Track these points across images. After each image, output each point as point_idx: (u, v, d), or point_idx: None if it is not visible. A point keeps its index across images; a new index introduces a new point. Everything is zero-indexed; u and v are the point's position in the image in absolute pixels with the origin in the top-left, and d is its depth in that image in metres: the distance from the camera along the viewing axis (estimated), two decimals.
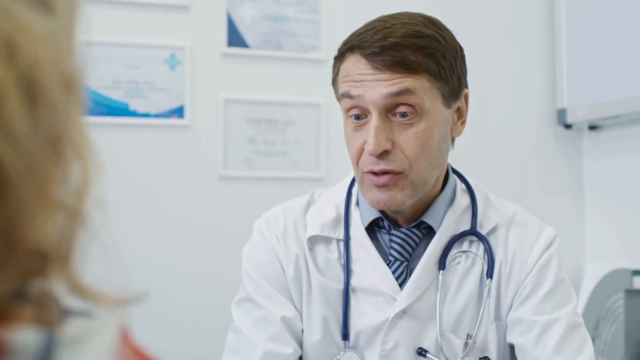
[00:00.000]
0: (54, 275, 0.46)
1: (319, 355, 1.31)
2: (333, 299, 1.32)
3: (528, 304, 1.31)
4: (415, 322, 1.31)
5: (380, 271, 1.31)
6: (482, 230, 1.35)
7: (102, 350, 0.43)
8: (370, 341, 1.31)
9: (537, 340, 1.28)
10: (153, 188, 2.57)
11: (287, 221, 1.37)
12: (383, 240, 1.35)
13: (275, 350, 1.28)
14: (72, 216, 0.46)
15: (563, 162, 2.99)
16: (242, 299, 1.35)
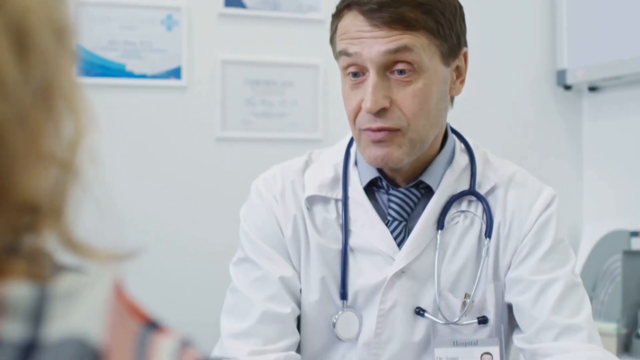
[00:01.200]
0: (46, 230, 0.45)
1: (318, 315, 1.31)
2: (331, 258, 1.32)
3: (526, 263, 1.30)
4: (414, 281, 1.31)
5: (378, 231, 1.31)
6: (480, 190, 1.34)
7: (95, 305, 0.42)
8: (368, 301, 1.31)
9: (535, 299, 1.28)
10: (150, 149, 2.56)
11: (285, 181, 1.36)
12: (381, 200, 1.34)
13: (274, 310, 1.28)
14: (64, 169, 0.45)
15: (562, 124, 2.98)
16: (240, 259, 1.35)
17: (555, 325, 1.26)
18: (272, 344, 1.26)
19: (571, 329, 1.25)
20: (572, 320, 1.26)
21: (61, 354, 0.39)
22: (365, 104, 1.21)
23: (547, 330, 1.26)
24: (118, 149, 2.46)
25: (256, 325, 1.27)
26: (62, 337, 0.40)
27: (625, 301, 2.74)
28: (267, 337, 1.26)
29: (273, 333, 1.27)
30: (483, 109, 2.82)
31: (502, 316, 1.34)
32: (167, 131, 2.58)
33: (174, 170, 2.58)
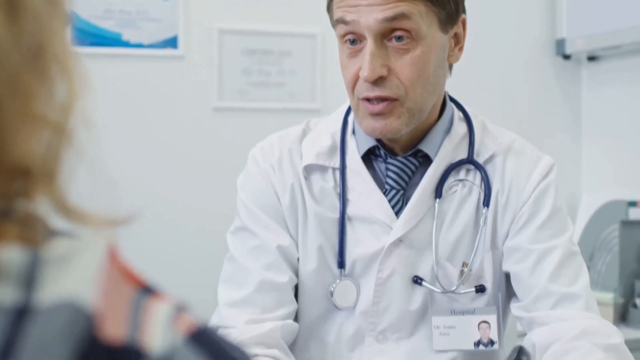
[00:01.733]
0: (39, 194, 0.44)
1: (315, 284, 1.31)
2: (329, 227, 1.31)
3: (525, 232, 1.30)
4: (411, 250, 1.30)
5: (376, 199, 1.31)
6: (479, 159, 1.34)
7: (88, 269, 0.42)
8: (366, 269, 1.31)
9: (533, 268, 1.28)
10: (147, 120, 2.55)
11: (283, 150, 1.35)
12: (379, 168, 1.34)
13: (271, 279, 1.28)
14: (57, 132, 0.45)
15: (561, 93, 2.96)
16: (237, 228, 1.34)
17: (553, 294, 1.26)
18: (270, 313, 1.26)
19: (569, 297, 1.25)
20: (569, 289, 1.26)
21: (54, 318, 0.39)
22: (363, 72, 1.20)
23: (544, 299, 1.26)
24: (115, 120, 2.45)
25: (253, 294, 1.27)
26: (55, 302, 0.40)
27: (622, 271, 2.75)
28: (265, 306, 1.26)
29: (270, 302, 1.27)
30: (481, 78, 2.80)
31: (499, 285, 1.34)
32: (164, 101, 2.57)
33: (171, 140, 2.57)
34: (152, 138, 2.55)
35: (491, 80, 2.85)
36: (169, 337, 0.42)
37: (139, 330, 0.41)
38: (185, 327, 0.43)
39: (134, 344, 0.41)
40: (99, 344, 0.40)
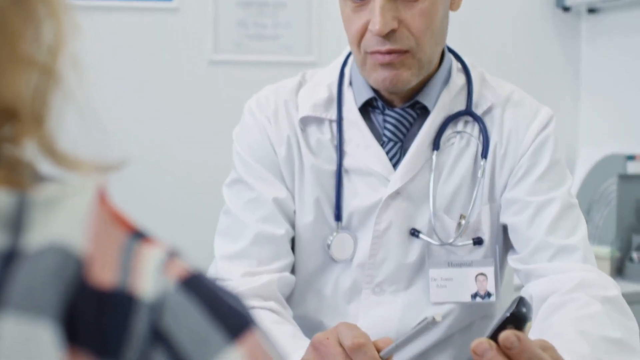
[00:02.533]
0: (27, 137, 0.43)
1: (312, 237, 1.30)
2: (325, 180, 1.30)
3: (523, 184, 1.29)
4: (409, 203, 1.29)
5: (373, 151, 1.29)
6: (477, 111, 1.32)
7: (78, 213, 0.40)
8: (363, 222, 1.30)
9: (530, 220, 1.27)
10: (142, 73, 2.52)
11: (278, 102, 1.34)
12: (377, 120, 1.32)
13: (267, 231, 1.27)
14: (45, 74, 0.43)
15: (560, 46, 2.94)
16: (233, 181, 1.33)
17: (551, 246, 1.25)
18: (266, 265, 1.26)
19: (566, 249, 1.25)
20: (567, 241, 1.25)
21: (42, 262, 0.38)
22: (374, 26, 1.18)
23: (542, 251, 1.26)
24: (109, 73, 2.42)
25: (250, 246, 1.26)
26: (44, 246, 0.38)
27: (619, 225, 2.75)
28: (261, 259, 1.26)
29: (267, 254, 1.26)
30: (479, 30, 2.77)
31: (497, 237, 1.33)
32: (159, 54, 2.54)
33: (166, 93, 2.54)
34: (147, 91, 2.53)
35: (489, 33, 2.82)
36: (160, 283, 0.41)
37: (130, 276, 0.40)
38: (177, 272, 0.42)
39: (124, 289, 0.40)
40: (88, 289, 0.39)
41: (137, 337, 0.39)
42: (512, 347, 0.75)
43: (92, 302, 0.39)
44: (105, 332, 0.38)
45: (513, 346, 0.75)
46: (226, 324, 0.42)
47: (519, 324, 0.78)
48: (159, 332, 0.39)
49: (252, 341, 0.42)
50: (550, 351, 0.83)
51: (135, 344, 0.39)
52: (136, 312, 0.39)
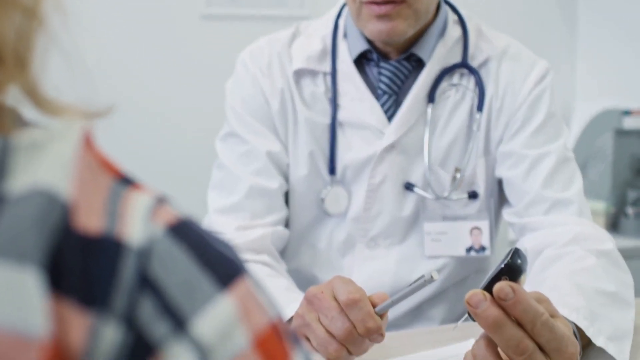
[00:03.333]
0: (10, 81, 0.41)
1: (306, 190, 1.29)
2: (320, 133, 1.29)
3: (518, 137, 1.28)
4: (403, 156, 1.28)
5: (368, 104, 1.28)
6: (473, 63, 1.30)
7: (62, 157, 0.39)
8: (357, 176, 1.29)
9: (526, 173, 1.26)
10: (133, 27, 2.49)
11: (272, 54, 1.32)
12: (371, 73, 1.30)
13: (261, 185, 1.26)
14: (28, 16, 0.42)
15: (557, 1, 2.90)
16: (226, 134, 1.32)
17: (546, 199, 1.24)
18: (260, 219, 1.25)
19: (562, 203, 1.24)
20: (562, 195, 1.25)
21: (26, 208, 0.37)
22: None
23: (537, 205, 1.25)
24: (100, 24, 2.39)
25: (243, 200, 1.25)
26: (27, 191, 0.37)
27: (614, 180, 2.75)
28: (255, 212, 1.25)
29: (260, 208, 1.25)
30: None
31: (492, 191, 1.32)
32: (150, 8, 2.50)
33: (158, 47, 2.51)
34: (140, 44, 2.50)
35: None
36: (148, 229, 0.40)
37: (116, 222, 0.39)
38: (166, 219, 0.41)
39: (111, 235, 0.39)
40: (74, 235, 0.38)
41: (124, 284, 0.38)
42: (507, 299, 0.74)
43: (78, 248, 0.37)
44: (91, 279, 0.37)
45: (507, 297, 0.74)
46: (216, 271, 0.41)
47: (513, 275, 0.77)
48: (146, 279, 0.38)
49: (244, 289, 0.41)
50: (545, 303, 0.82)
51: (122, 291, 0.38)
52: (123, 259, 0.38)
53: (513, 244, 1.30)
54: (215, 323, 0.39)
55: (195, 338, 0.38)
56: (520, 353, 0.75)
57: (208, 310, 0.39)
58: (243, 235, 1.22)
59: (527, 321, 0.75)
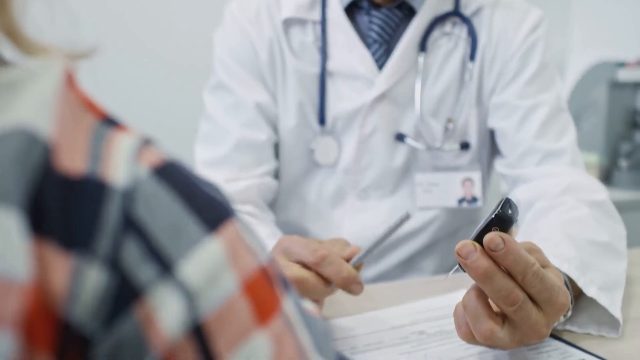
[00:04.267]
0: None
1: (295, 142, 1.27)
2: (309, 83, 1.26)
3: (511, 87, 1.26)
4: (394, 106, 1.26)
5: (358, 53, 1.25)
6: (465, 11, 1.28)
7: (43, 95, 0.37)
8: (347, 126, 1.27)
9: (519, 124, 1.24)
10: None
11: (260, 3, 1.29)
12: (362, 21, 1.27)
13: (249, 137, 1.24)
14: None
15: None
16: (214, 86, 1.29)
17: (539, 150, 1.23)
18: (248, 171, 1.23)
19: (554, 153, 1.23)
20: (555, 145, 1.23)
21: (5, 147, 0.35)
22: None
23: (530, 155, 1.23)
24: None
25: (231, 152, 1.23)
26: (6, 130, 0.35)
27: (608, 133, 2.74)
28: (243, 164, 1.23)
29: (249, 160, 1.24)
30: None
31: (484, 142, 1.31)
32: None
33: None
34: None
35: None
36: (133, 170, 0.38)
37: (100, 162, 0.37)
38: (151, 160, 0.39)
39: (94, 176, 0.37)
40: (55, 176, 0.36)
41: (107, 226, 0.36)
42: (497, 249, 0.73)
43: (60, 189, 0.36)
44: (74, 220, 0.36)
45: (498, 248, 0.73)
46: (203, 213, 0.39)
47: (504, 225, 0.75)
48: (131, 221, 0.37)
49: (232, 232, 0.40)
50: (537, 254, 0.81)
51: (106, 233, 0.36)
52: (106, 200, 0.37)
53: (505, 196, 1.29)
54: (202, 267, 0.38)
55: (182, 282, 0.37)
56: (510, 304, 0.74)
57: (195, 253, 0.38)
58: (229, 187, 1.20)
59: (517, 272, 0.74)
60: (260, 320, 0.39)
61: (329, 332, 0.44)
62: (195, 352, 0.37)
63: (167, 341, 0.36)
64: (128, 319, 0.36)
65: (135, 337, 0.36)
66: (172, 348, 0.36)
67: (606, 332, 0.92)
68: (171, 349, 0.36)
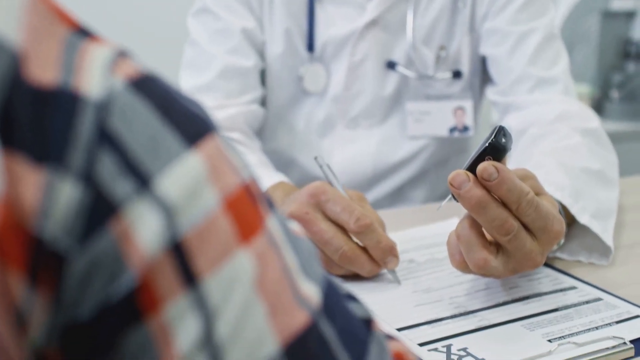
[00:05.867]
0: None
1: (282, 68, 1.24)
2: (297, 8, 1.23)
3: (504, 13, 1.23)
4: (386, 33, 1.23)
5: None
6: None
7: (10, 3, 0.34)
8: (337, 53, 1.24)
9: (511, 51, 1.22)
10: None
11: None
12: None
13: (235, 63, 1.21)
14: None
15: None
16: (199, 10, 1.25)
17: (531, 77, 1.20)
18: (234, 98, 1.20)
19: (547, 81, 1.20)
20: (548, 72, 1.21)
21: None
22: None
23: (522, 83, 1.21)
24: None
25: (217, 79, 1.20)
26: None
27: (600, 63, 2.71)
28: (229, 91, 1.20)
29: (235, 87, 1.21)
30: None
31: (476, 70, 1.28)
32: None
33: None
34: None
35: None
36: (108, 82, 0.36)
37: (73, 74, 0.35)
38: (128, 72, 0.37)
39: (66, 88, 0.35)
40: (25, 87, 0.34)
41: (80, 139, 0.34)
42: (491, 179, 0.71)
43: (30, 101, 0.34)
44: (45, 133, 0.34)
45: (491, 178, 0.71)
46: (183, 127, 0.37)
47: (497, 154, 0.74)
48: (105, 134, 0.35)
49: (213, 147, 0.38)
50: (531, 180, 0.79)
51: (79, 146, 0.34)
52: (79, 112, 0.35)
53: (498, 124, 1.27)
54: (181, 182, 0.36)
55: (160, 197, 0.35)
56: (505, 233, 0.73)
57: (174, 168, 0.36)
58: (216, 114, 1.17)
59: (511, 201, 0.72)
60: (242, 238, 0.37)
61: (315, 253, 0.42)
62: (175, 271, 0.35)
63: (145, 259, 0.34)
64: (104, 236, 0.34)
65: (111, 254, 0.34)
66: (150, 266, 0.35)
67: (596, 259, 0.92)
68: (149, 267, 0.35)
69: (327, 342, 0.39)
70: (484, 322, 0.76)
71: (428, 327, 0.75)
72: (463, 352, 0.70)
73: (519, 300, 0.81)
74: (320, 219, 0.83)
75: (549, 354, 0.69)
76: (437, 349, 0.71)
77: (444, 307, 0.80)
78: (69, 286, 0.34)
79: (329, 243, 0.82)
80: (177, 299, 0.35)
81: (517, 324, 0.76)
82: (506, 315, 0.77)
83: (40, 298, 0.33)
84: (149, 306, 0.35)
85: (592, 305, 0.80)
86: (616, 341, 0.71)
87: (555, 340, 0.72)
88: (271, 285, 0.37)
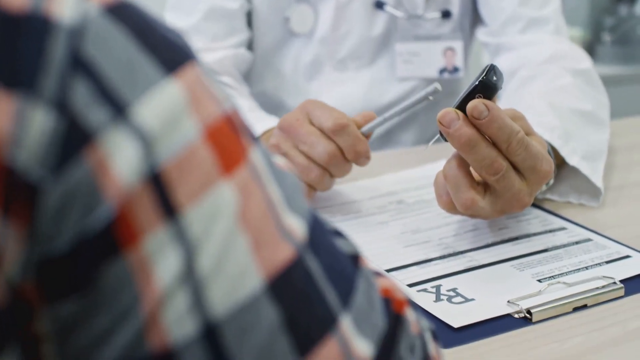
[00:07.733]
0: None
1: (269, 9, 1.22)
2: None
3: None
4: None
5: None
6: None
7: None
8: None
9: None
10: None
11: None
12: None
13: (221, 5, 1.18)
14: None
15: None
16: None
17: (522, 17, 1.18)
18: (220, 41, 1.18)
19: (538, 21, 1.18)
20: (539, 12, 1.18)
21: None
22: None
23: (513, 23, 1.19)
24: None
25: (202, 21, 1.17)
26: None
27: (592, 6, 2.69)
28: (215, 34, 1.18)
29: (221, 29, 1.18)
30: None
31: (466, 10, 1.26)
32: None
33: None
34: None
35: None
36: (82, 7, 0.34)
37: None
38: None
39: (38, 13, 0.33)
40: None
41: (53, 65, 0.33)
42: (481, 117, 0.70)
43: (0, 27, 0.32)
44: (15, 59, 0.32)
45: (482, 116, 0.70)
46: (161, 55, 0.36)
47: (488, 93, 0.72)
48: (79, 60, 0.33)
49: (193, 76, 0.36)
50: (521, 121, 0.78)
51: (52, 72, 0.33)
52: (51, 38, 0.33)
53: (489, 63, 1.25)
54: (159, 110, 0.34)
55: (137, 126, 0.34)
56: (493, 173, 0.72)
57: (151, 95, 0.34)
58: (202, 58, 1.15)
59: (501, 140, 0.71)
60: (224, 169, 0.36)
61: (300, 187, 0.41)
62: (154, 202, 0.34)
63: (122, 190, 0.33)
64: (79, 165, 0.33)
65: (87, 185, 0.33)
66: (128, 197, 0.33)
67: (586, 200, 0.91)
68: (127, 199, 0.33)
69: (312, 277, 0.38)
70: (473, 262, 0.76)
71: (417, 268, 0.75)
72: (452, 293, 0.70)
73: (509, 240, 0.80)
74: (307, 123, 0.84)
75: (538, 293, 0.68)
76: (426, 290, 0.70)
77: (432, 247, 0.79)
78: (43, 219, 0.33)
79: (302, 171, 0.83)
80: (157, 231, 0.34)
81: (506, 264, 0.75)
82: (495, 256, 0.77)
83: (13, 231, 0.32)
84: (127, 239, 0.33)
85: (582, 245, 0.79)
86: (606, 281, 0.70)
87: (545, 280, 0.71)
88: (254, 218, 0.36)
